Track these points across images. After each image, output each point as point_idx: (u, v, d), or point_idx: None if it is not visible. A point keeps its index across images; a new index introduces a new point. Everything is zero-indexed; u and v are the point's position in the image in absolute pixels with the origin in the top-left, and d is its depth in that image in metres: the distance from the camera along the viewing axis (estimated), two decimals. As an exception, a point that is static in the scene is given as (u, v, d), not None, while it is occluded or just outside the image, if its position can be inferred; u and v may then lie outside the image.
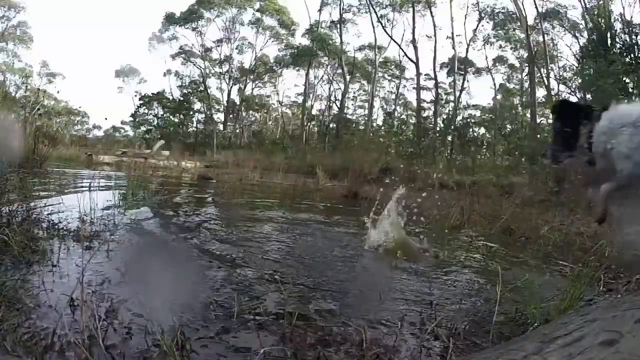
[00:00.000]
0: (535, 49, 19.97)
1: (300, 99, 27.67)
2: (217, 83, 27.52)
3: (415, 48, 23.00)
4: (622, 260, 2.70)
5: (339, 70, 25.81)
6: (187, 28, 26.32)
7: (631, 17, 13.28)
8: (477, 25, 22.80)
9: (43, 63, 26.26)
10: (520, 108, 23.88)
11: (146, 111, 27.40)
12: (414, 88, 24.50)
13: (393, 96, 27.23)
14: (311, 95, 27.31)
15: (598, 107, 1.79)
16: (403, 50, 24.49)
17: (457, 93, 23.68)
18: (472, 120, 24.66)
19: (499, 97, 24.38)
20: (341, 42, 25.16)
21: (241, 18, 26.46)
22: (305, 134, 27.12)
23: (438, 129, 23.22)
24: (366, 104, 27.00)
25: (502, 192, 9.06)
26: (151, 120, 27.34)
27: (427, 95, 24.78)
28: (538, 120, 20.09)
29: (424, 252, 2.87)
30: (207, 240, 2.75)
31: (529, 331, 1.40)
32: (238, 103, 27.79)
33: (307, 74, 26.34)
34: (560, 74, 18.97)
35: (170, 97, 27.23)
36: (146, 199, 4.31)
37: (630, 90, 11.80)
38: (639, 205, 1.73)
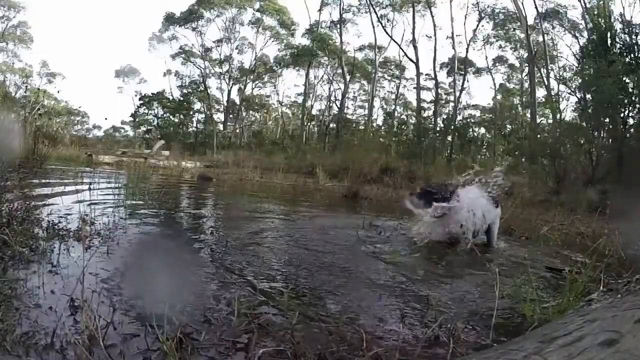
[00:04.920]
0: (535, 49, 19.97)
1: (300, 99, 27.71)
2: (217, 83, 27.57)
3: (415, 48, 23.04)
4: (622, 260, 2.71)
5: (339, 70, 25.83)
6: (187, 28, 26.36)
7: (631, 17, 13.27)
8: (477, 25, 22.85)
9: (43, 63, 26.30)
10: (520, 108, 23.90)
11: (146, 111, 27.44)
12: (414, 88, 24.55)
13: (393, 96, 27.27)
14: (311, 95, 27.34)
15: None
16: (403, 50, 24.54)
17: (457, 93, 23.71)
18: (472, 120, 24.68)
19: (499, 97, 24.40)
20: (341, 42, 25.20)
21: (241, 18, 26.51)
22: (305, 134, 27.14)
23: (438, 129, 23.23)
24: (366, 104, 27.05)
25: (502, 192, 9.05)
26: (151, 120, 27.39)
27: (427, 95, 24.82)
28: (538, 120, 20.13)
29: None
30: (207, 240, 2.75)
31: (529, 331, 1.40)
32: (238, 103, 27.81)
33: (307, 74, 26.36)
34: (560, 74, 18.96)
35: (170, 97, 27.27)
36: (146, 199, 4.32)
37: (630, 90, 11.78)
38: None
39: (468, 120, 24.55)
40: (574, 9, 19.12)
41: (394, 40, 24.28)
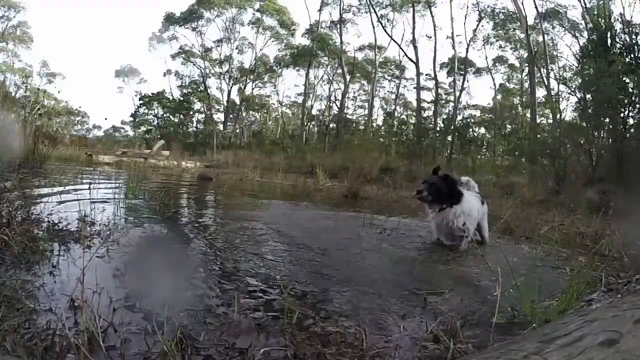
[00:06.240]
0: (535, 49, 19.96)
1: (300, 99, 27.69)
2: (217, 83, 27.55)
3: (415, 48, 23.01)
4: (622, 260, 2.71)
5: (339, 70, 25.83)
6: (187, 28, 26.35)
7: (631, 17, 13.26)
8: (477, 25, 22.83)
9: (43, 63, 26.29)
10: (520, 108, 23.89)
11: (146, 111, 27.40)
12: (414, 88, 24.52)
13: (393, 96, 27.27)
14: (311, 95, 27.32)
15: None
16: (403, 50, 24.53)
17: (457, 93, 23.70)
18: (472, 120, 24.66)
19: (499, 97, 24.39)
20: (341, 42, 25.19)
21: (241, 18, 26.50)
22: (305, 134, 27.13)
23: (438, 129, 23.23)
24: (366, 104, 27.03)
25: (502, 192, 9.06)
26: (151, 120, 27.35)
27: (427, 95, 24.81)
28: (538, 120, 20.12)
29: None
30: (207, 239, 2.75)
31: (528, 331, 1.40)
32: (238, 103, 27.80)
33: (307, 74, 26.35)
34: (560, 74, 18.93)
35: (170, 97, 27.23)
36: (146, 199, 4.32)
37: (631, 90, 11.77)
38: None
39: (468, 120, 24.54)
40: (574, 9, 19.14)
41: (394, 40, 24.30)
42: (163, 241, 2.74)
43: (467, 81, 24.14)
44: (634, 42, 12.65)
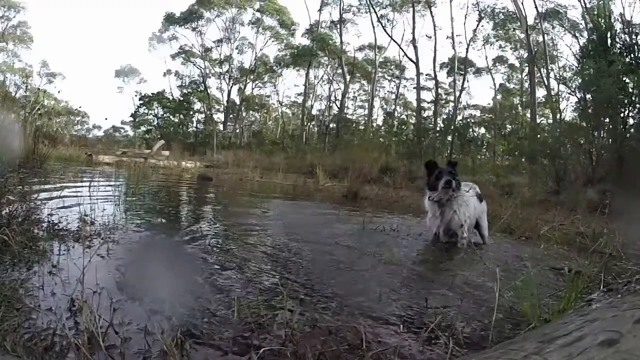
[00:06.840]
0: (535, 49, 19.98)
1: (300, 99, 27.74)
2: (217, 83, 27.59)
3: (415, 48, 23.04)
4: (621, 259, 2.70)
5: (339, 70, 25.86)
6: (187, 28, 26.40)
7: (631, 17, 13.25)
8: (477, 25, 22.87)
9: (43, 63, 26.33)
10: (520, 108, 23.91)
11: (146, 111, 27.42)
12: (414, 88, 24.56)
13: (393, 96, 27.30)
14: (311, 95, 27.35)
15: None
16: (403, 50, 24.57)
17: (457, 93, 23.72)
18: (472, 120, 24.68)
19: (499, 97, 24.41)
20: (341, 42, 25.23)
21: (241, 18, 26.54)
22: (305, 134, 27.15)
23: (438, 129, 23.24)
24: (366, 104, 27.08)
25: (502, 192, 9.07)
26: (151, 120, 27.38)
27: (427, 95, 24.85)
28: (538, 120, 20.13)
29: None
30: (207, 239, 2.75)
31: (528, 331, 1.40)
32: (238, 103, 27.80)
33: (307, 74, 26.38)
34: (560, 74, 18.92)
35: (170, 97, 27.26)
36: (146, 199, 4.32)
37: (630, 90, 11.77)
38: None
39: (468, 120, 24.57)
40: (574, 9, 19.18)
41: (394, 40, 24.34)
42: (163, 241, 2.74)
43: (467, 81, 24.23)
44: (634, 42, 12.65)
